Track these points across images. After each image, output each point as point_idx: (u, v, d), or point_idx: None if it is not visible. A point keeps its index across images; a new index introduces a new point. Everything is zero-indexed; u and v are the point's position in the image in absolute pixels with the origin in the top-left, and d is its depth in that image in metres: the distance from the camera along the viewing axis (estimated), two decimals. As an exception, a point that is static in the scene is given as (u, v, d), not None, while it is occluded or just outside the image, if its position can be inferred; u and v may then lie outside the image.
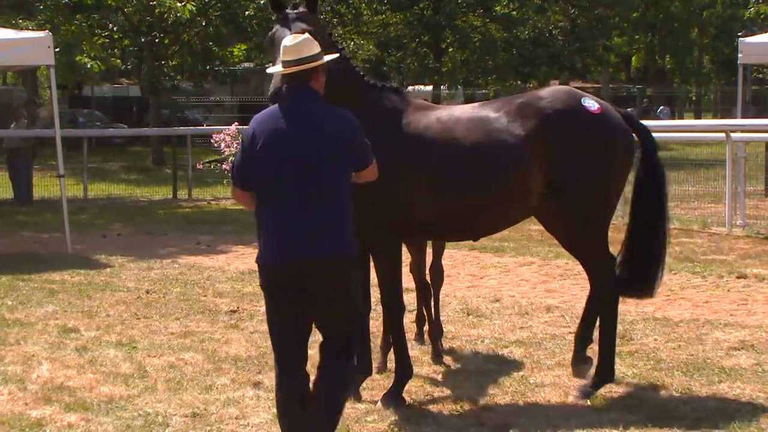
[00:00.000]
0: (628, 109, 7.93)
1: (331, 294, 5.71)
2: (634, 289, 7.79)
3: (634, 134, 7.59)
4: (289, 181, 5.63)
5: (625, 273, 7.69)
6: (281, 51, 5.84)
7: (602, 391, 7.40)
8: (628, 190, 7.98)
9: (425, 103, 7.77)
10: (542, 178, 7.26)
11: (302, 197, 5.63)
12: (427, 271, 8.73)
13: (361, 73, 7.40)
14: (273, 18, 6.96)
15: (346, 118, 5.85)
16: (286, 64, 5.79)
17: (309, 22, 6.77)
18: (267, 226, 5.72)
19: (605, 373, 7.48)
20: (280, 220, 5.66)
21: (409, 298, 8.58)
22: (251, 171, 5.73)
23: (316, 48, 5.85)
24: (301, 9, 6.84)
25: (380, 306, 7.82)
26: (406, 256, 7.93)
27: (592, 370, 7.57)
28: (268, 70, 6.24)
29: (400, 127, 7.23)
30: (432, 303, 8.69)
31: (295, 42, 5.80)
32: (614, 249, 7.69)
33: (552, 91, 7.57)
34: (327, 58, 5.93)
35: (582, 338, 7.82)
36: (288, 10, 6.84)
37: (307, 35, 5.94)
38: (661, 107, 49.39)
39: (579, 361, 7.79)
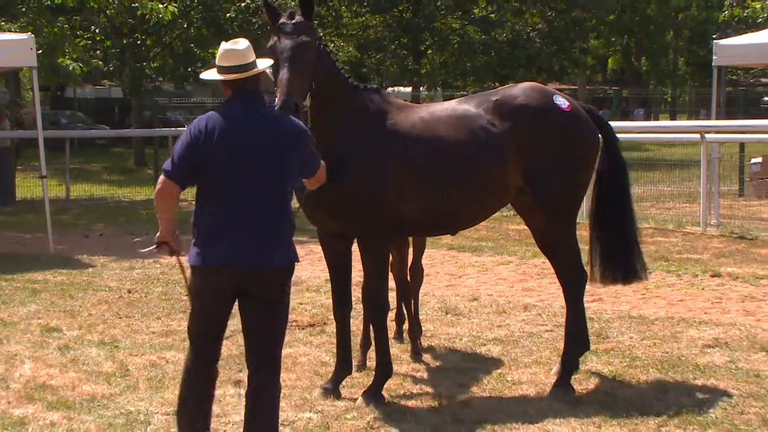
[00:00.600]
0: (601, 111, 8.09)
1: (277, 300, 5.72)
2: (622, 276, 7.95)
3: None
4: (244, 182, 5.59)
5: (608, 264, 7.87)
6: (222, 56, 5.75)
7: (579, 387, 7.52)
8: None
9: (406, 102, 7.91)
10: (519, 174, 7.45)
11: (256, 199, 5.60)
12: (407, 271, 8.83)
13: (345, 75, 7.49)
14: (260, 23, 6.96)
15: (295, 124, 5.89)
16: (236, 69, 5.71)
17: (308, 32, 6.84)
18: (215, 227, 5.64)
19: (569, 363, 7.62)
20: (233, 222, 5.60)
21: (389, 297, 8.65)
22: (199, 168, 5.63)
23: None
24: (298, 18, 6.89)
25: (360, 305, 7.89)
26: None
27: (558, 366, 7.74)
28: (202, 76, 6.15)
29: (386, 127, 7.32)
30: (412, 302, 8.79)
31: (242, 47, 5.76)
32: (584, 247, 7.84)
33: (524, 90, 7.69)
34: (262, 64, 5.88)
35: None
36: (284, 20, 6.86)
37: (244, 40, 5.89)
38: (638, 109, 49.84)
39: None
